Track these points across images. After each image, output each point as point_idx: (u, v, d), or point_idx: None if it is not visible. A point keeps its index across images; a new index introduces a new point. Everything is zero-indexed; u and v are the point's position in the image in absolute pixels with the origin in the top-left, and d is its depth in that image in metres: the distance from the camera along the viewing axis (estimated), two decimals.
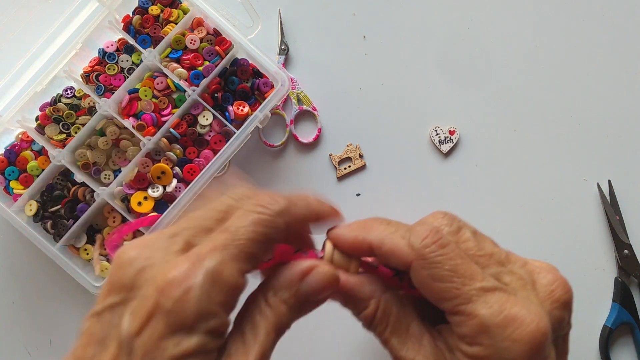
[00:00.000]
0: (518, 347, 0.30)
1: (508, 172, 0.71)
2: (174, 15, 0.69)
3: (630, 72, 0.71)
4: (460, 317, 0.31)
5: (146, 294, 0.28)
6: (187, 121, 0.68)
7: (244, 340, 0.30)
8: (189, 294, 0.27)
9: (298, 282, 0.32)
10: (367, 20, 0.72)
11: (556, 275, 0.35)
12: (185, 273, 0.27)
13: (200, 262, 0.28)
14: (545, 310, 0.32)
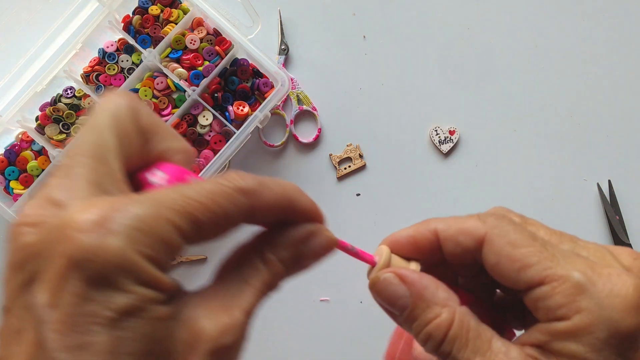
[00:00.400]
0: (623, 303, 0.26)
1: (508, 172, 0.71)
2: (174, 15, 0.69)
3: (630, 72, 0.71)
4: (550, 285, 0.27)
5: (55, 251, 0.22)
6: (187, 121, 0.68)
7: (230, 295, 0.26)
8: (108, 239, 0.22)
9: (301, 243, 0.29)
10: (367, 20, 0.72)
11: (637, 252, 0.30)
12: (105, 214, 0.22)
13: (126, 205, 0.22)
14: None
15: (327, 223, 0.31)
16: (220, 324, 0.24)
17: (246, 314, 0.26)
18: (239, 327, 0.25)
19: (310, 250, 0.29)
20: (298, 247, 0.29)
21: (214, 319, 0.25)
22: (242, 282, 0.27)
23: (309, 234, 0.29)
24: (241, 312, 0.26)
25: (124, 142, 0.26)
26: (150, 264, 0.22)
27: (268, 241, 0.29)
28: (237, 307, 0.26)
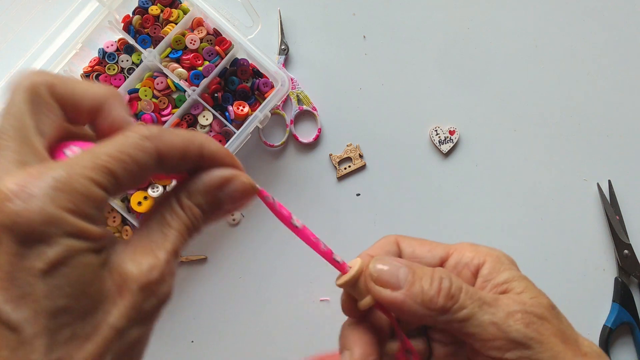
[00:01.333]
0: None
1: (508, 172, 0.71)
2: (174, 15, 0.69)
3: (630, 72, 0.71)
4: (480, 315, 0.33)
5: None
6: (187, 121, 0.68)
7: (153, 239, 0.28)
8: (30, 202, 0.24)
9: (216, 189, 0.31)
10: (367, 20, 0.72)
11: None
12: (24, 182, 0.24)
13: (43, 171, 0.25)
14: None
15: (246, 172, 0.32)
16: (145, 265, 0.27)
17: (169, 254, 0.28)
18: (163, 266, 0.27)
19: (226, 196, 0.31)
20: (213, 193, 0.30)
21: (139, 261, 0.27)
22: (163, 226, 0.29)
23: (224, 179, 0.31)
24: (164, 253, 0.28)
25: (42, 118, 0.28)
26: (74, 216, 0.25)
27: (185, 188, 0.30)
28: (159, 249, 0.28)
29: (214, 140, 0.31)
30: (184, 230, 0.29)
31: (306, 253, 0.69)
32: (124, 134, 0.28)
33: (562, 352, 0.33)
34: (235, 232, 0.71)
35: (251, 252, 0.70)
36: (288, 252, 0.70)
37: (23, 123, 0.27)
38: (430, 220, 0.71)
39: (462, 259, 0.36)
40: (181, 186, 0.30)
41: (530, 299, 0.34)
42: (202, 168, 0.31)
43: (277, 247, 0.71)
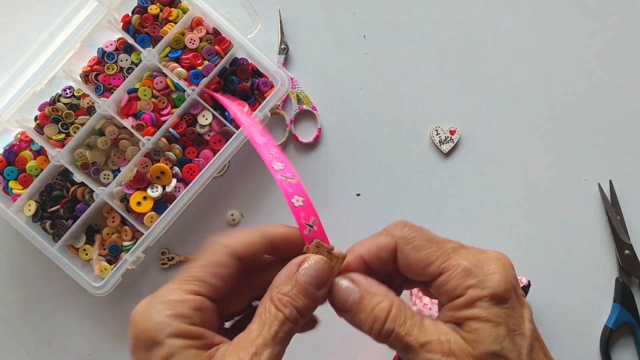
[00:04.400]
0: (497, 277, 0.37)
1: (508, 172, 0.71)
2: (174, 14, 0.69)
3: (631, 72, 0.71)
4: (447, 273, 0.37)
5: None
6: (186, 121, 0.68)
7: (249, 332, 0.35)
8: (145, 316, 0.35)
9: (295, 273, 0.36)
10: (367, 20, 0.72)
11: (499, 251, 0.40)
12: (143, 305, 0.36)
13: (155, 295, 0.36)
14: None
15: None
16: (243, 356, 0.34)
17: (258, 347, 0.34)
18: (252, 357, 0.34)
19: (307, 276, 0.36)
20: (296, 278, 0.36)
21: (235, 354, 0.34)
22: (259, 323, 0.35)
23: (299, 263, 0.37)
24: (254, 346, 0.34)
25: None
26: (174, 319, 0.34)
27: (273, 284, 0.37)
28: (253, 343, 0.34)
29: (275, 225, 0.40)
30: (277, 324, 0.35)
31: None
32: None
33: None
34: None
35: None
36: None
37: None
38: (430, 220, 0.70)
39: (446, 286, 0.37)
40: (270, 285, 0.37)
41: (462, 347, 0.36)
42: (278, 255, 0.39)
43: None
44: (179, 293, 0.36)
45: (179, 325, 0.34)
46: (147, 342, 0.34)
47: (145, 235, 0.66)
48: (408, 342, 0.36)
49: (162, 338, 0.34)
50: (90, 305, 0.71)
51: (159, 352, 0.34)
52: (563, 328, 0.69)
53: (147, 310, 0.35)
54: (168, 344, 0.34)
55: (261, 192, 0.71)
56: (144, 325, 0.35)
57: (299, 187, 0.38)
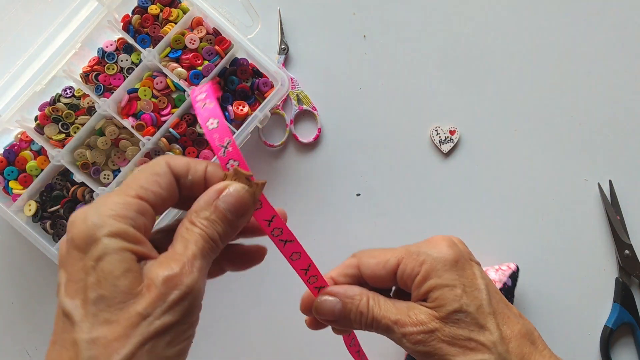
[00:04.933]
0: (443, 246, 0.43)
1: (508, 172, 0.71)
2: (174, 14, 0.69)
3: (631, 72, 0.71)
4: (402, 263, 0.43)
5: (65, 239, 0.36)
6: (186, 121, 0.68)
7: (175, 252, 0.35)
8: (82, 219, 0.34)
9: (214, 200, 0.37)
10: (367, 20, 0.72)
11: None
12: (83, 210, 0.35)
13: (96, 201, 0.36)
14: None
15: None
16: (167, 267, 0.33)
17: (189, 257, 0.34)
18: (184, 264, 0.34)
19: (226, 203, 0.37)
20: (214, 204, 0.36)
21: (164, 266, 0.34)
22: (182, 240, 0.35)
23: (219, 190, 0.37)
24: (184, 257, 0.34)
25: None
26: (114, 219, 0.33)
27: (192, 209, 0.37)
28: (181, 256, 0.34)
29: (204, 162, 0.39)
30: (201, 241, 0.35)
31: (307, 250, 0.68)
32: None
33: (448, 354, 0.41)
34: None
35: None
36: None
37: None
38: (430, 221, 0.70)
39: (405, 270, 0.43)
40: (189, 210, 0.37)
41: (428, 314, 0.41)
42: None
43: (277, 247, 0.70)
44: (121, 197, 0.35)
45: (119, 226, 0.33)
46: (84, 242, 0.33)
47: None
48: (385, 324, 0.42)
49: (99, 236, 0.33)
50: None
51: (94, 251, 0.33)
52: (563, 328, 0.69)
53: (86, 213, 0.34)
54: (104, 242, 0.33)
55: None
56: (82, 226, 0.33)
57: (215, 111, 0.38)
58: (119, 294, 0.32)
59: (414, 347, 0.41)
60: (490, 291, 0.43)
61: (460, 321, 0.41)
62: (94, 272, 0.33)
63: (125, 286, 0.32)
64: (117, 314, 0.32)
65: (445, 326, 0.41)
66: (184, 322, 0.34)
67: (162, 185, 0.37)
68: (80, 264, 0.33)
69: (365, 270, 0.45)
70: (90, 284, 0.33)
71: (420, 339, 0.41)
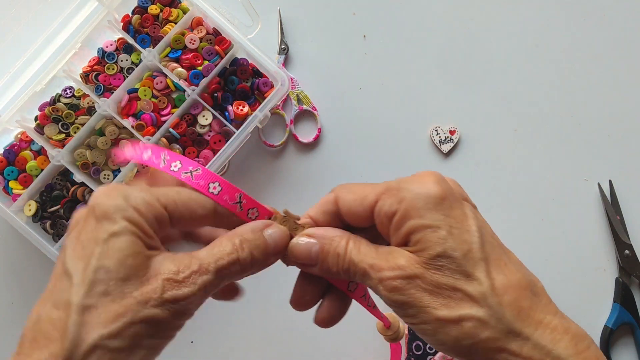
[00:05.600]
0: (427, 181, 0.38)
1: (508, 172, 0.71)
2: (174, 14, 0.69)
3: (631, 72, 0.71)
4: (381, 200, 0.38)
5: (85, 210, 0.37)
6: (186, 121, 0.68)
7: (193, 254, 0.36)
8: (110, 197, 0.35)
9: (262, 230, 0.38)
10: (367, 20, 0.72)
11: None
12: (111, 187, 0.36)
13: (127, 187, 0.36)
14: None
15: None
16: (173, 267, 0.34)
17: (201, 267, 0.35)
18: (189, 273, 0.34)
19: (272, 237, 0.38)
20: (259, 233, 0.38)
21: (173, 263, 0.35)
22: (209, 248, 0.36)
23: (266, 224, 0.38)
24: (196, 264, 0.35)
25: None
26: (135, 212, 0.34)
27: (235, 230, 0.38)
28: (195, 261, 0.35)
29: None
30: (226, 259, 0.36)
31: None
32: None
33: (429, 305, 0.35)
34: None
35: None
36: None
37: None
38: None
39: (382, 208, 0.38)
40: (232, 230, 0.38)
41: (409, 257, 0.36)
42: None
43: None
44: (151, 197, 0.36)
45: (136, 216, 0.34)
46: (102, 214, 0.34)
47: None
48: (362, 268, 0.37)
49: (117, 217, 0.34)
50: None
51: (110, 227, 0.34)
52: None
53: (113, 192, 0.35)
54: (120, 224, 0.34)
55: (261, 192, 0.71)
56: (107, 201, 0.35)
57: (208, 174, 0.38)
58: (122, 271, 0.33)
59: (390, 295, 0.36)
60: (484, 234, 0.37)
61: (444, 267, 0.35)
62: (104, 244, 0.34)
63: (130, 266, 0.34)
64: (115, 290, 0.33)
65: (426, 272, 0.35)
66: (171, 322, 0.35)
67: (193, 214, 0.37)
68: (94, 233, 0.34)
69: (343, 206, 0.40)
70: (98, 253, 0.33)
71: (397, 286, 0.35)
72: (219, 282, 0.36)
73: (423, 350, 0.64)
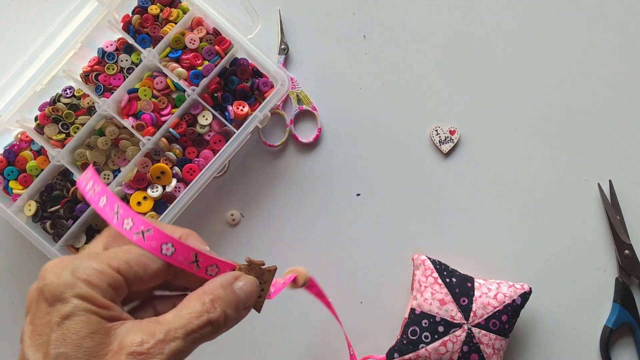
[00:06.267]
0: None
1: (508, 172, 0.71)
2: (174, 14, 0.69)
3: (630, 72, 0.71)
4: None
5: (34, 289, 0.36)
6: (186, 121, 0.68)
7: (159, 321, 0.34)
8: (59, 274, 0.34)
9: (232, 284, 0.37)
10: (367, 20, 0.72)
11: None
12: (60, 262, 0.35)
13: (75, 257, 0.35)
14: None
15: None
16: (138, 338, 0.33)
17: (166, 334, 0.33)
18: (154, 343, 0.33)
19: (242, 290, 0.37)
20: (230, 287, 0.37)
21: (137, 335, 0.33)
22: (177, 313, 0.35)
23: (235, 276, 0.37)
24: (162, 333, 0.33)
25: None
26: (86, 285, 0.33)
27: (203, 288, 0.36)
28: (161, 329, 0.33)
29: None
30: (196, 321, 0.34)
31: (306, 253, 0.68)
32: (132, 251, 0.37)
33: None
34: (235, 232, 0.71)
35: (251, 252, 0.70)
36: (287, 252, 0.70)
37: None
38: (430, 221, 0.70)
39: None
40: (199, 289, 0.37)
41: None
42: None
43: (277, 247, 0.70)
44: (101, 265, 0.34)
45: (88, 291, 0.33)
46: (52, 296, 0.33)
47: None
48: None
49: (68, 296, 0.33)
50: None
51: (62, 309, 0.33)
52: (563, 328, 0.69)
53: (60, 268, 0.34)
54: (72, 303, 0.33)
55: (261, 192, 0.71)
56: (53, 280, 0.33)
57: (160, 234, 0.37)
58: (82, 355, 0.32)
59: None
60: None
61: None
62: (59, 329, 0.33)
63: (89, 347, 0.32)
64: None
65: None
66: None
67: (147, 270, 0.36)
68: (47, 318, 0.33)
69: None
70: (53, 340, 0.32)
71: None
72: (190, 347, 0.34)
73: (418, 336, 0.64)
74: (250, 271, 0.39)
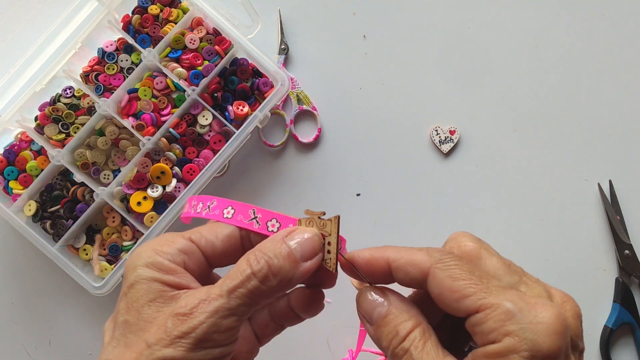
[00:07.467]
0: (545, 328, 0.31)
1: (508, 172, 0.71)
2: (174, 14, 0.69)
3: (630, 72, 0.71)
4: (484, 312, 0.32)
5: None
6: (186, 121, 0.68)
7: (216, 283, 0.35)
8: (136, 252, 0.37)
9: (284, 237, 0.36)
10: (367, 20, 0.72)
11: (567, 295, 0.37)
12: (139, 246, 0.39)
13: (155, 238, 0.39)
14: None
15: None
16: (182, 301, 0.34)
17: (210, 294, 0.34)
18: (196, 302, 0.33)
19: (297, 244, 0.36)
20: (277, 242, 0.36)
21: (191, 298, 0.34)
22: (224, 277, 0.35)
23: (289, 231, 0.37)
24: (205, 293, 0.34)
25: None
26: (154, 252, 0.36)
27: (257, 246, 0.36)
28: (207, 291, 0.34)
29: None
30: (240, 277, 0.34)
31: None
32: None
33: None
34: None
35: None
36: None
37: None
38: (430, 221, 0.70)
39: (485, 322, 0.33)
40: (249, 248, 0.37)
41: None
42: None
43: None
44: (174, 236, 0.38)
45: (155, 258, 0.36)
46: (126, 269, 0.36)
47: (146, 235, 0.66)
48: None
49: (137, 265, 0.35)
50: (90, 305, 0.71)
51: (129, 278, 0.35)
52: None
53: (140, 247, 0.37)
54: (137, 272, 0.35)
55: (261, 192, 0.71)
56: (130, 257, 0.37)
57: (222, 202, 0.39)
58: (141, 321, 0.34)
59: None
60: None
61: None
62: (125, 298, 0.35)
63: (148, 314, 0.34)
64: (134, 340, 0.34)
65: None
66: (192, 358, 0.33)
67: (219, 236, 0.38)
68: (122, 290, 0.36)
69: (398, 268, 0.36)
70: (120, 309, 0.35)
71: None
72: (236, 304, 0.34)
73: None
74: (311, 223, 0.38)
